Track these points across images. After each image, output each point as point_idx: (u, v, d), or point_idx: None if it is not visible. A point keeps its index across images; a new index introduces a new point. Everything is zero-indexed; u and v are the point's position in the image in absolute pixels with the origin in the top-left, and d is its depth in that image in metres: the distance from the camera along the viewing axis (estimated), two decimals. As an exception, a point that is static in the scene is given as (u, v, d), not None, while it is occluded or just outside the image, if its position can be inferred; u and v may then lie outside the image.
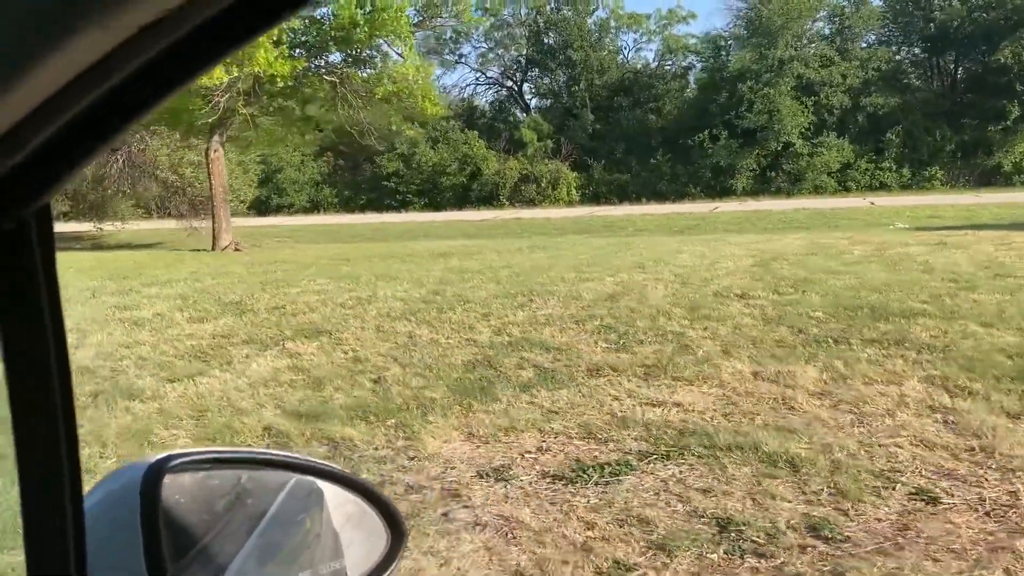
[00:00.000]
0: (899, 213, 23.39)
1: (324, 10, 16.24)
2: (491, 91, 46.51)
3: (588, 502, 3.84)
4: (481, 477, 4.24)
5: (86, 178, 26.58)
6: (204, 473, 1.06)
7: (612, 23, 42.48)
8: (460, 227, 26.33)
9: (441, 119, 37.84)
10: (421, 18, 15.95)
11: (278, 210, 40.74)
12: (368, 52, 16.71)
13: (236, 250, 16.84)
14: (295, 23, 15.38)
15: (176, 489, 0.97)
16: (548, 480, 4.15)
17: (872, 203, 28.34)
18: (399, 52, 15.77)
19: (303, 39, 16.03)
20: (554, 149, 40.31)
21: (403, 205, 40.53)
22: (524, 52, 44.64)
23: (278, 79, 15.50)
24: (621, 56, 43.65)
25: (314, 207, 42.46)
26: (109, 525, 0.87)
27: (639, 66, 43.73)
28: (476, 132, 40.28)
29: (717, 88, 38.41)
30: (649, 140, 40.13)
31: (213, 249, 16.91)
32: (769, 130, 35.56)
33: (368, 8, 15.15)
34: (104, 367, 6.78)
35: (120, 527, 0.87)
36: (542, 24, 42.78)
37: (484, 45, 45.50)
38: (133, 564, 0.83)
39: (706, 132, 37.21)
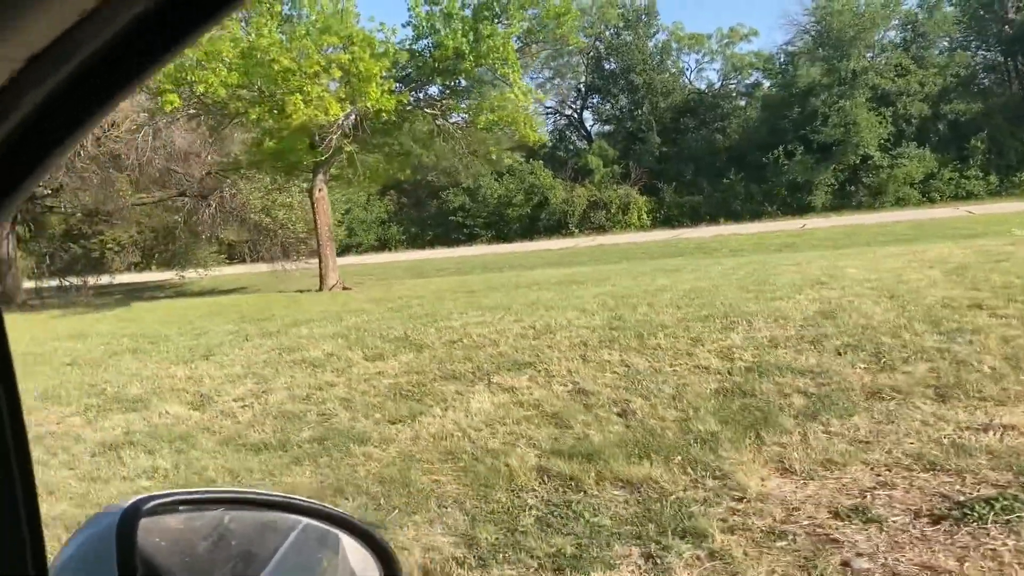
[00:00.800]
0: (1006, 220, 22.38)
1: (424, 42, 16.11)
2: (550, 120, 46.34)
3: (1007, 545, 3.29)
4: (840, 518, 3.72)
5: (164, 226, 26.89)
6: (186, 515, 1.04)
7: (673, 45, 42.12)
8: (545, 256, 25.91)
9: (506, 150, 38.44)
10: (523, 43, 15.69)
11: (347, 249, 40.86)
12: (465, 82, 16.49)
13: (344, 289, 16.59)
14: (402, 56, 15.23)
15: (156, 532, 0.96)
16: (928, 520, 3.62)
17: (969, 212, 27.28)
18: (505, 80, 15.45)
19: (406, 72, 15.88)
20: (622, 174, 39.87)
21: (470, 239, 40.37)
22: (584, 79, 44.46)
23: (383, 114, 15.34)
24: (684, 77, 43.20)
25: (382, 245, 42.55)
26: (86, 571, 0.87)
27: (703, 86, 43.26)
28: (540, 162, 40.02)
29: (787, 103, 37.72)
30: (719, 160, 39.50)
31: (320, 289, 16.70)
32: (846, 143, 34.67)
33: (472, 37, 14.96)
34: (309, 411, 6.42)
35: (97, 573, 0.86)
36: (603, 50, 42.60)
37: (541, 75, 45.44)
38: None
39: (780, 148, 36.46)
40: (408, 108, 15.90)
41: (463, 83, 16.49)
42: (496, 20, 15.44)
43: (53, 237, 25.43)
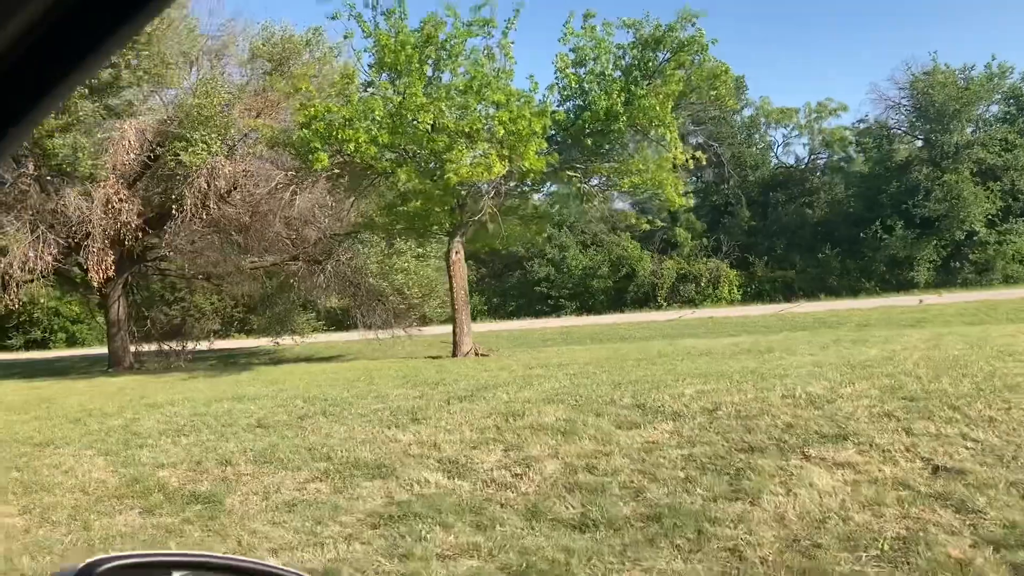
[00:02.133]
0: None
1: (570, 104, 15.72)
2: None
3: None
4: None
5: (244, 293, 26.70)
6: None
7: (761, 119, 41.74)
8: (656, 328, 25.01)
9: (581, 220, 38.12)
10: (674, 105, 15.19)
11: (430, 319, 40.45)
12: (607, 145, 16.02)
13: (481, 355, 15.89)
14: (559, 115, 14.83)
15: None
16: None
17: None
18: (659, 140, 14.94)
19: (550, 134, 15.43)
20: (713, 247, 39.08)
21: (555, 310, 39.66)
22: (668, 152, 44.18)
23: (530, 175, 14.89)
24: (772, 151, 42.68)
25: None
26: None
27: (790, 160, 42.65)
28: (628, 233, 39.47)
29: (883, 178, 36.82)
30: (811, 234, 38.53)
31: (455, 355, 16.01)
32: (951, 218, 33.51)
33: (623, 98, 14.51)
34: (606, 483, 5.61)
35: None
36: (688, 123, 42.37)
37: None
38: None
39: (877, 223, 35.39)
40: (553, 170, 15.41)
41: (605, 146, 16.01)
42: (648, 80, 15.02)
43: (155, 301, 25.41)
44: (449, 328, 24.70)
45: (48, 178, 18.32)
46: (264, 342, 28.92)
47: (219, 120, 18.43)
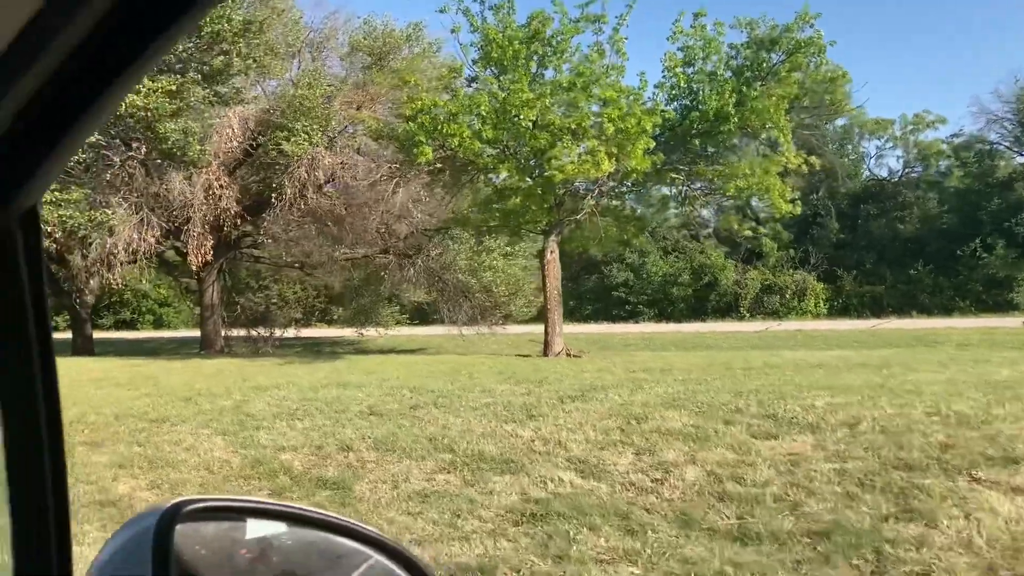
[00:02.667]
0: None
1: (677, 104, 15.38)
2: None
3: None
4: None
5: (325, 284, 26.97)
6: (228, 524, 0.99)
7: (855, 130, 40.46)
8: (743, 338, 24.36)
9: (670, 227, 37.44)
10: (789, 108, 14.70)
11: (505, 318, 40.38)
12: (712, 148, 15.62)
13: (572, 356, 15.67)
14: (669, 114, 14.53)
15: (196, 538, 0.92)
16: None
17: None
18: (772, 143, 14.50)
19: (655, 134, 15.11)
20: (801, 259, 38.01)
21: (632, 316, 39.12)
22: (755, 160, 43.23)
23: (632, 175, 14.60)
24: (864, 163, 41.35)
25: (539, 316, 41.84)
26: (123, 571, 0.84)
27: (883, 173, 41.23)
28: (712, 242, 38.71)
29: (983, 194, 35.26)
30: (902, 250, 37.14)
31: (546, 355, 15.83)
32: (1058, 239, 31.91)
33: (735, 99, 14.09)
34: (758, 495, 5.33)
35: (132, 574, 0.83)
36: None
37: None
38: None
39: (976, 241, 33.90)
40: (656, 170, 15.07)
41: (709, 149, 15.62)
42: (760, 82, 14.58)
43: (243, 288, 25.92)
44: (531, 328, 24.52)
45: (156, 162, 18.80)
46: (348, 332, 29.26)
47: (320, 111, 18.64)
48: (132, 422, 8.89)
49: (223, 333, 23.32)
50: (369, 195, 19.78)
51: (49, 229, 16.11)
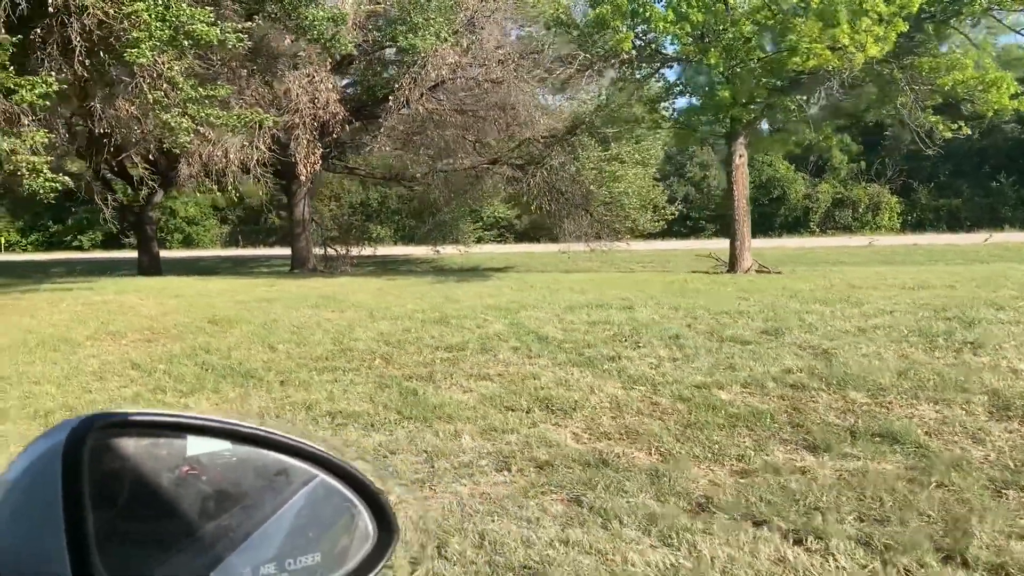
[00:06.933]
0: None
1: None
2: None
3: None
4: None
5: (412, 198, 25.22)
6: (149, 440, 0.88)
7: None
8: (853, 253, 22.92)
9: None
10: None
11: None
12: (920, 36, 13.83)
13: (761, 272, 14.18)
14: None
15: (115, 455, 0.83)
16: None
17: None
18: (1014, 27, 12.76)
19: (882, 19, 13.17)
20: (869, 172, 36.46)
21: (693, 232, 37.72)
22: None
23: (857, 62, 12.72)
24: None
25: (663, 232, 40.45)
26: (30, 489, 0.77)
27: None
28: (780, 154, 36.98)
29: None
30: (981, 162, 35.65)
31: (733, 271, 14.32)
32: None
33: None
34: None
35: (41, 492, 0.76)
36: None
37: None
38: (53, 545, 0.72)
39: (1065, 152, 32.49)
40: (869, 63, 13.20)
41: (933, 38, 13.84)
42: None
43: (330, 202, 24.13)
44: (665, 244, 22.90)
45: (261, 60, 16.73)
46: (419, 251, 27.71)
47: (447, 3, 16.54)
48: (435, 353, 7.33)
49: (313, 251, 21.63)
50: (494, 98, 17.93)
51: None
